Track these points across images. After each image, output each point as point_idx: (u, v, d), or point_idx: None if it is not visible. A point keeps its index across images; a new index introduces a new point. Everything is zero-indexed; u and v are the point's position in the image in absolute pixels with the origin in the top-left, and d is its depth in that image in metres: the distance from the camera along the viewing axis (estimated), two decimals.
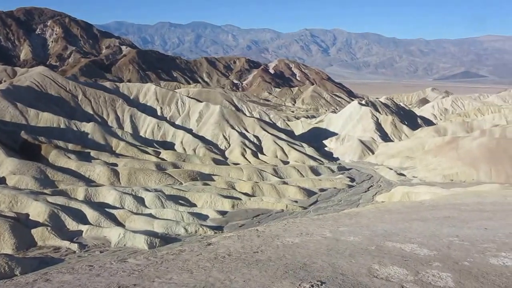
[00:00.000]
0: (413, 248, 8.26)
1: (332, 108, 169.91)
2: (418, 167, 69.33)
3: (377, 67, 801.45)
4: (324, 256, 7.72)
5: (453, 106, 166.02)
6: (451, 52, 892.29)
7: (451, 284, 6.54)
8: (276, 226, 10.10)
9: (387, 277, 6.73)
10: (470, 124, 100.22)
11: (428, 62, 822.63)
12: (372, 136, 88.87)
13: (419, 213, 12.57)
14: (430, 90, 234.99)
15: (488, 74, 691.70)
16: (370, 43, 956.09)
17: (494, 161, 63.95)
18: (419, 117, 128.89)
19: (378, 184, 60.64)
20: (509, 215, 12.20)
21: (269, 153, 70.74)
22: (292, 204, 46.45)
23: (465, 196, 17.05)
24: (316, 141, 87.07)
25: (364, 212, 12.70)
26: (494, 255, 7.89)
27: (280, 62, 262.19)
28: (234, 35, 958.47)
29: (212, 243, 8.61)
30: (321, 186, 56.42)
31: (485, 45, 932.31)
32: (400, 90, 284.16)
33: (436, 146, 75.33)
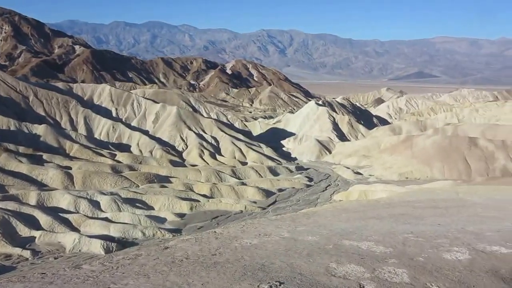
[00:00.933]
0: (370, 245, 8.31)
1: (289, 108, 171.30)
2: (374, 165, 70.80)
3: (334, 68, 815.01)
4: (282, 256, 7.65)
5: (407, 105, 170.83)
6: (405, 53, 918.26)
7: (406, 279, 6.60)
8: (235, 228, 9.97)
9: (345, 275, 6.72)
10: (423, 123, 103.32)
11: (383, 62, 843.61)
12: (329, 136, 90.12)
13: (375, 211, 12.74)
14: (385, 90, 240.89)
15: (440, 74, 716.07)
16: (326, 44, 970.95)
17: (447, 159, 66.16)
18: (374, 116, 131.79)
19: (336, 183, 61.52)
20: (460, 211, 12.55)
21: (227, 154, 70.55)
22: (251, 205, 46.46)
23: (419, 193, 17.46)
24: (274, 142, 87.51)
25: (321, 211, 12.76)
26: (447, 250, 8.04)
27: (237, 62, 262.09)
28: (191, 35, 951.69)
29: (170, 246, 8.39)
30: (280, 186, 56.73)
31: (437, 46, 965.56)
32: (356, 90, 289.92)
33: (392, 145, 77.19)
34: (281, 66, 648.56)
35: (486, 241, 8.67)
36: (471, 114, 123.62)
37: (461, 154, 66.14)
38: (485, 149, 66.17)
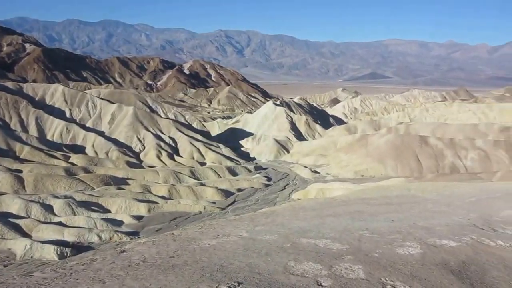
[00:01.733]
0: (327, 243, 8.46)
1: (248, 108, 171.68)
2: (331, 164, 71.97)
3: (291, 68, 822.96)
4: (241, 256, 7.67)
5: (362, 105, 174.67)
6: (359, 54, 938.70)
7: (362, 275, 6.76)
8: (193, 229, 9.91)
9: (303, 273, 6.81)
10: (377, 122, 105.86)
11: (338, 63, 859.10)
12: (287, 136, 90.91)
13: (331, 208, 12.97)
14: (341, 91, 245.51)
15: (393, 75, 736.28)
16: (283, 45, 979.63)
17: (400, 157, 68.09)
18: (331, 116, 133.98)
19: (294, 182, 62.13)
20: (413, 207, 12.96)
21: (185, 155, 69.96)
22: (210, 206, 46.28)
23: (374, 190, 17.90)
24: (232, 142, 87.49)
25: (280, 210, 12.88)
26: (400, 245, 8.30)
27: (195, 62, 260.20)
28: (147, 35, 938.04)
29: (126, 250, 8.24)
30: (239, 186, 56.77)
31: (390, 48, 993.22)
32: (313, 91, 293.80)
33: (347, 144, 78.68)
34: (239, 67, 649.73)
35: (436, 236, 9.00)
36: (422, 113, 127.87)
37: (413, 152, 68.26)
38: (435, 147, 68.54)
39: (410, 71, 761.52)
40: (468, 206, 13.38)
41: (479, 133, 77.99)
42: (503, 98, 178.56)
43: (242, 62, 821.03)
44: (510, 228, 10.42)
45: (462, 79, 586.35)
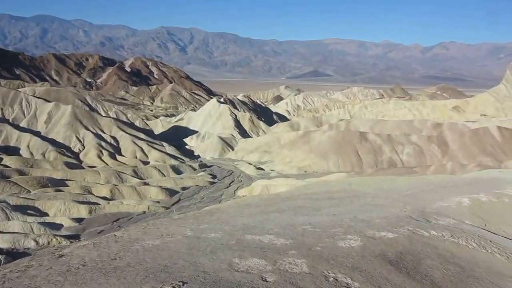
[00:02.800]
0: (271, 239, 8.56)
1: (191, 106, 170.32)
2: (275, 160, 72.78)
3: (234, 66, 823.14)
4: (185, 255, 7.62)
5: (304, 102, 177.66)
6: (300, 52, 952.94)
7: (305, 269, 6.90)
8: (136, 230, 9.72)
9: (247, 270, 6.87)
10: (319, 119, 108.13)
11: (281, 61, 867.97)
12: (231, 133, 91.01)
13: (275, 204, 13.13)
14: (284, 88, 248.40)
15: (333, 73, 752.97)
16: (226, 42, 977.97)
17: (341, 152, 69.90)
18: (274, 113, 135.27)
19: (239, 179, 62.35)
20: (353, 201, 13.36)
21: (128, 154, 68.44)
22: (154, 205, 45.60)
23: (316, 185, 18.29)
24: (176, 140, 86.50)
25: (224, 208, 12.89)
26: (341, 239, 8.54)
27: (136, 60, 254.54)
28: (85, 31, 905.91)
29: (65, 254, 7.93)
30: (184, 184, 56.30)
31: (330, 47, 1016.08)
32: (256, 88, 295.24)
33: (291, 140, 79.83)
34: (182, 64, 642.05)
35: (375, 228, 9.35)
36: (361, 110, 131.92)
37: (353, 148, 70.33)
38: (374, 143, 70.95)
39: (350, 69, 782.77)
40: (404, 199, 13.97)
41: (414, 129, 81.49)
42: (435, 95, 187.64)
43: (185, 60, 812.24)
44: (442, 218, 10.99)
45: (397, 78, 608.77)
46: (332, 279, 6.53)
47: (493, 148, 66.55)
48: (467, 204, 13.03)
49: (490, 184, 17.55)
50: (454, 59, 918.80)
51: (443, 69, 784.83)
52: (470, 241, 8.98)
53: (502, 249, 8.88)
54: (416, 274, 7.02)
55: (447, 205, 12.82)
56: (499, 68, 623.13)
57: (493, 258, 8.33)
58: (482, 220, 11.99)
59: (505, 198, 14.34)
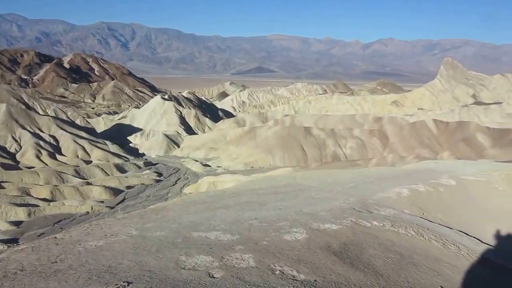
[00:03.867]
0: (218, 235, 8.56)
1: (135, 103, 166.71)
2: (221, 157, 72.75)
3: (178, 62, 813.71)
4: (130, 255, 7.47)
5: (249, 98, 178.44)
6: (245, 49, 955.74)
7: (252, 264, 6.95)
8: (78, 231, 9.41)
9: (194, 267, 6.83)
10: (265, 115, 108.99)
11: (225, 58, 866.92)
12: (176, 130, 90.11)
13: (222, 200, 13.13)
14: (229, 84, 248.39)
15: (278, 70, 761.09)
16: (170, 38, 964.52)
17: (287, 147, 70.84)
18: (220, 110, 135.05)
19: (186, 177, 61.88)
20: (298, 195, 13.59)
21: (68, 154, 66.16)
22: (98, 205, 44.43)
23: (262, 181, 18.45)
24: (120, 138, 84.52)
25: (170, 205, 12.74)
26: (287, 232, 8.67)
27: (76, 56, 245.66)
28: (19, 26, 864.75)
29: (1, 259, 7.54)
30: (128, 183, 55.22)
31: (274, 43, 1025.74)
32: (201, 85, 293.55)
33: (237, 136, 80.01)
34: (124, 60, 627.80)
35: (320, 220, 9.55)
36: (305, 105, 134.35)
37: (298, 143, 71.48)
38: (318, 137, 72.44)
39: (293, 65, 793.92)
40: (347, 191, 14.36)
41: (356, 123, 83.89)
42: (375, 90, 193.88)
43: (127, 56, 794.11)
44: (383, 209, 11.39)
45: (339, 73, 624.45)
46: (278, 272, 6.62)
47: (430, 140, 69.64)
48: (406, 195, 13.58)
49: (427, 174, 18.37)
50: (392, 55, 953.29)
51: (382, 65, 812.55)
52: (409, 229, 9.36)
53: (439, 236, 9.32)
54: (359, 263, 7.24)
55: (387, 196, 13.30)
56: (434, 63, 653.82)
57: (430, 245, 8.73)
58: (420, 209, 12.53)
59: (440, 187, 15.06)
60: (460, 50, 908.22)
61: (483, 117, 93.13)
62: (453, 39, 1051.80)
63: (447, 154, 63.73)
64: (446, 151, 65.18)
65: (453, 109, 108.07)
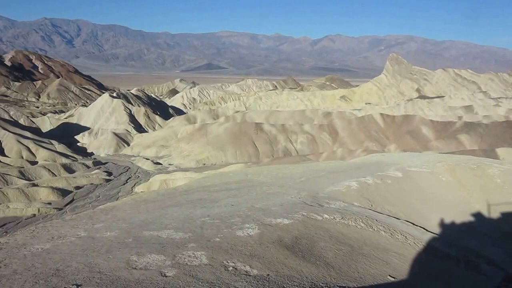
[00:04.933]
0: (169, 233, 8.47)
1: (82, 101, 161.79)
2: (173, 154, 72.00)
3: (126, 59, 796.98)
4: (79, 257, 7.27)
5: (200, 95, 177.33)
6: (194, 45, 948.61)
7: (205, 261, 6.93)
8: (23, 234, 9.06)
9: (146, 266, 6.74)
10: (216, 111, 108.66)
11: (175, 54, 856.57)
12: (126, 128, 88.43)
13: (173, 198, 13.00)
14: (179, 81, 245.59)
15: (228, 66, 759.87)
16: (117, 35, 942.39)
17: (238, 144, 70.96)
18: (170, 107, 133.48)
19: (136, 175, 60.87)
20: (250, 191, 13.65)
21: (12, 154, 63.48)
22: (45, 207, 42.94)
23: (214, 177, 18.40)
24: (67, 137, 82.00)
25: (120, 205, 12.48)
26: (240, 228, 8.69)
27: (17, 53, 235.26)
28: None
29: None
30: (77, 183, 53.73)
31: (223, 40, 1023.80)
32: (150, 82, 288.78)
33: (188, 133, 79.42)
34: (70, 58, 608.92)
35: (272, 215, 9.64)
36: (256, 102, 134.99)
37: (250, 139, 71.80)
38: (269, 133, 73.03)
39: (243, 62, 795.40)
40: (299, 185, 14.56)
41: (306, 118, 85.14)
42: (324, 86, 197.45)
43: (73, 53, 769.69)
44: (333, 202, 11.64)
45: (289, 69, 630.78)
46: (231, 268, 6.64)
47: (377, 134, 71.69)
48: (355, 187, 13.92)
49: (375, 167, 18.89)
50: (340, 51, 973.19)
51: (331, 61, 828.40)
52: (358, 221, 9.61)
53: (387, 226, 9.62)
54: (311, 256, 7.37)
55: (337, 189, 13.59)
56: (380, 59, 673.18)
57: (379, 236, 9.00)
58: (368, 201, 12.89)
59: (388, 180, 15.54)
60: (404, 46, 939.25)
61: (427, 111, 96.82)
62: (398, 35, 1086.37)
63: (394, 146, 65.83)
64: (393, 144, 67.30)
65: (399, 103, 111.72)
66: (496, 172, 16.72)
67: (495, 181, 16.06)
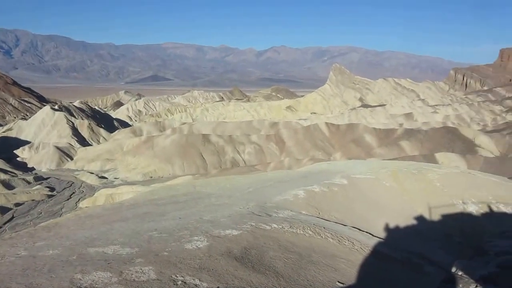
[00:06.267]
0: (116, 249, 8.25)
1: (21, 114, 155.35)
2: (119, 168, 70.43)
3: (68, 71, 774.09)
4: (19, 277, 6.93)
5: (146, 107, 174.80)
6: (139, 57, 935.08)
7: (153, 276, 6.80)
8: None
9: (91, 284, 6.52)
10: (162, 123, 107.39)
11: (119, 66, 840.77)
12: (69, 142, 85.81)
13: (120, 213, 12.69)
14: (124, 93, 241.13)
15: (173, 78, 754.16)
16: (58, 46, 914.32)
17: (186, 155, 70.36)
18: (115, 119, 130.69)
19: (81, 190, 59.09)
20: (198, 203, 13.54)
21: None
22: None
23: (161, 190, 18.11)
24: (5, 152, 78.52)
25: (64, 221, 12.03)
26: (188, 241, 8.59)
27: None
28: None
29: None
30: (17, 200, 51.51)
31: (169, 51, 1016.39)
32: (94, 94, 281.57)
33: (134, 146, 77.94)
34: (8, 69, 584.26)
35: (220, 227, 9.59)
36: (203, 113, 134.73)
37: (197, 150, 71.41)
38: (217, 144, 72.96)
39: (189, 73, 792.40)
40: (247, 196, 14.59)
41: (253, 129, 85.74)
42: (271, 96, 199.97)
43: (11, 64, 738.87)
44: (281, 211, 11.74)
45: (235, 80, 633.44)
46: (180, 282, 6.55)
47: (323, 143, 73.19)
48: (302, 196, 14.11)
49: (322, 175, 19.24)
50: (285, 62, 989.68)
51: (276, 72, 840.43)
52: (306, 229, 9.74)
53: (334, 233, 9.82)
54: (260, 266, 7.39)
55: (285, 199, 13.72)
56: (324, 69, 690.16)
57: (327, 243, 9.16)
58: (316, 209, 13.10)
59: (334, 187, 15.87)
60: (346, 57, 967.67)
61: (369, 119, 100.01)
62: (340, 47, 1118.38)
63: (339, 155, 67.41)
64: (338, 152, 68.90)
65: (343, 112, 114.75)
66: (435, 176, 17.49)
67: (435, 185, 16.78)
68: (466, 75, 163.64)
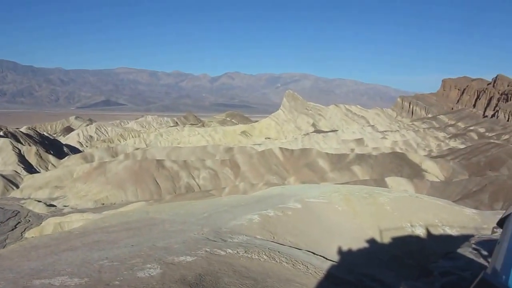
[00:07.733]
0: (64, 280, 7.90)
1: None
2: (68, 195, 68.21)
3: (15, 96, 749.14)
4: None
5: (97, 133, 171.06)
6: (90, 81, 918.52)
7: None
8: None
9: None
10: (114, 149, 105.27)
11: (69, 91, 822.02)
12: (15, 169, 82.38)
13: (68, 242, 12.20)
14: (74, 119, 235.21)
15: (126, 103, 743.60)
16: (4, 70, 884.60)
17: (139, 181, 69.01)
18: (65, 145, 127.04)
19: (27, 219, 56.56)
20: (152, 229, 13.25)
21: None
22: None
23: (113, 218, 17.61)
24: None
25: (7, 253, 11.44)
26: (141, 269, 8.34)
27: None
28: None
29: None
30: None
31: (121, 76, 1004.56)
32: (43, 119, 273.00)
33: (85, 172, 75.79)
34: None
35: (174, 253, 9.39)
36: (157, 138, 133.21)
37: (151, 176, 70.24)
38: (171, 169, 72.09)
39: (143, 98, 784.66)
40: (201, 221, 14.41)
41: (208, 154, 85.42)
42: (225, 122, 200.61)
43: None
44: (236, 236, 11.65)
45: (189, 105, 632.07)
46: None
47: (277, 167, 73.76)
48: (257, 221, 14.08)
49: (276, 200, 19.31)
50: (239, 87, 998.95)
51: (230, 97, 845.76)
52: (261, 254, 9.69)
53: (289, 257, 9.81)
54: None
55: (240, 223, 13.65)
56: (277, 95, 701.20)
57: (282, 267, 9.13)
58: (271, 234, 13.08)
59: (288, 211, 15.95)
60: (299, 83, 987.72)
61: (322, 144, 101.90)
62: (293, 73, 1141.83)
63: (293, 179, 68.06)
64: (292, 176, 69.55)
65: (297, 137, 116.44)
66: (385, 200, 17.93)
67: (385, 208, 17.20)
68: (412, 103, 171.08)
